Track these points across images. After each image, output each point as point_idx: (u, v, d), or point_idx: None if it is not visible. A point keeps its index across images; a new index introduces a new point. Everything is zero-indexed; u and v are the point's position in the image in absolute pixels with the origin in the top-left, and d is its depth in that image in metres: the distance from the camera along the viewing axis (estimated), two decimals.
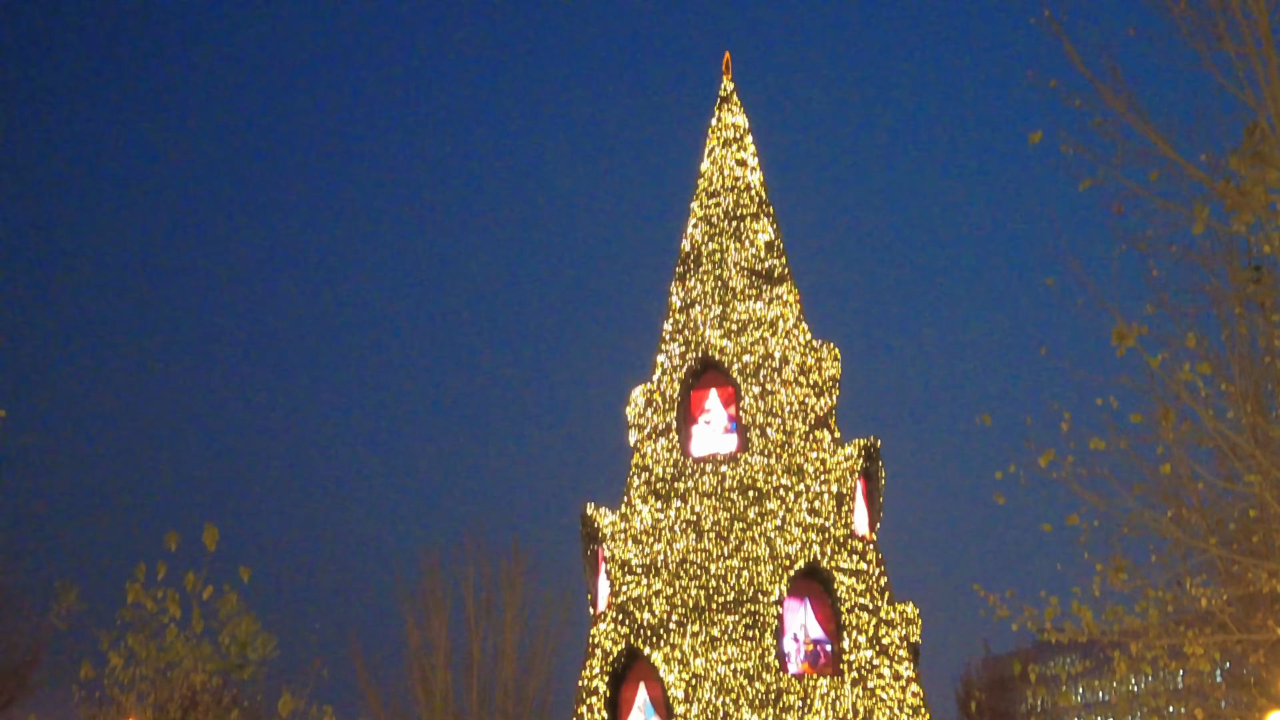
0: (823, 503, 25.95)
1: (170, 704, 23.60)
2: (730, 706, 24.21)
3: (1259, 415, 20.54)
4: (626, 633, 25.43)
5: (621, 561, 26.11)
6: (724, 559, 25.41)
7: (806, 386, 27.29)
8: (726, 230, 28.66)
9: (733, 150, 29.42)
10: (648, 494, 26.75)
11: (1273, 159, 18.56)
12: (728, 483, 26.20)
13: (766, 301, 27.95)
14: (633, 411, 27.80)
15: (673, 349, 27.97)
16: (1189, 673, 25.17)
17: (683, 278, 28.71)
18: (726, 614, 24.95)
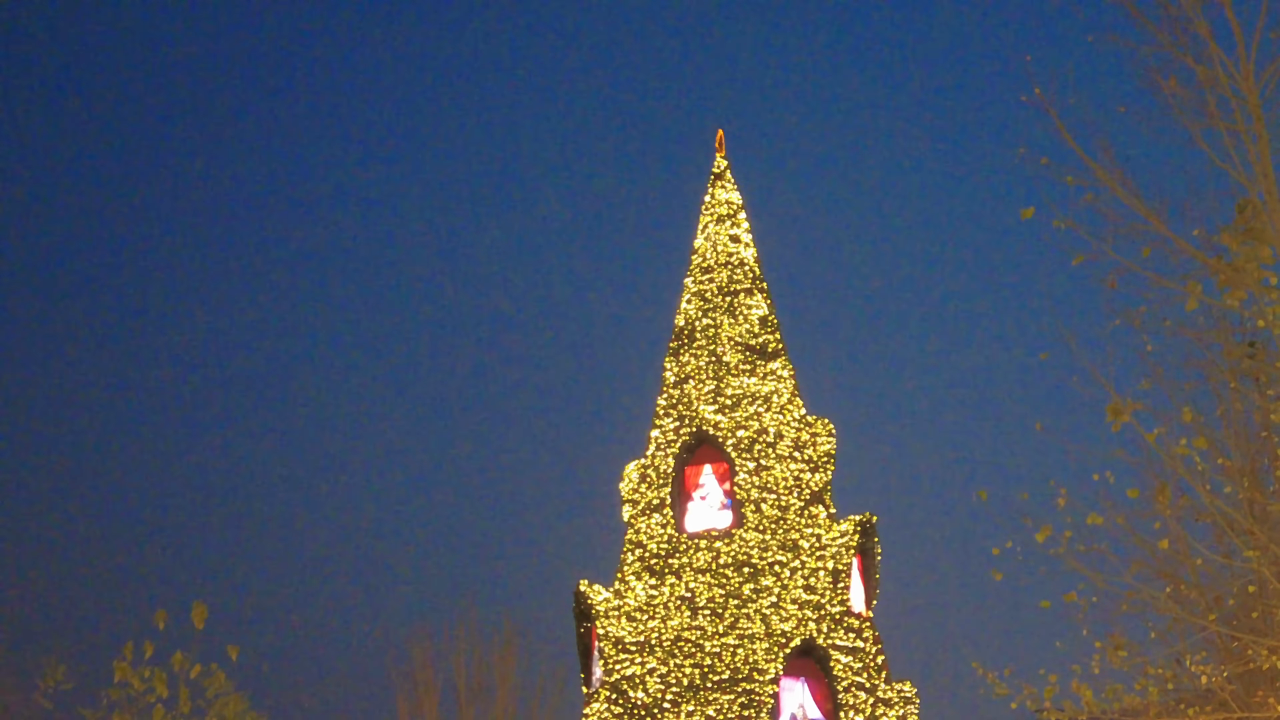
0: (818, 579, 25.83)
1: None
2: None
3: (1256, 490, 20.58)
4: (620, 712, 25.08)
5: (615, 639, 25.79)
6: (719, 636, 25.21)
7: (801, 462, 27.28)
8: (720, 306, 28.80)
9: (726, 226, 29.64)
10: (641, 570, 26.58)
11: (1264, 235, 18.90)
12: (722, 559, 26.08)
13: (760, 377, 28.00)
14: (626, 487, 27.71)
15: (667, 424, 27.95)
16: None
17: (677, 353, 28.76)
18: (722, 693, 24.69)
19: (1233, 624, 19.47)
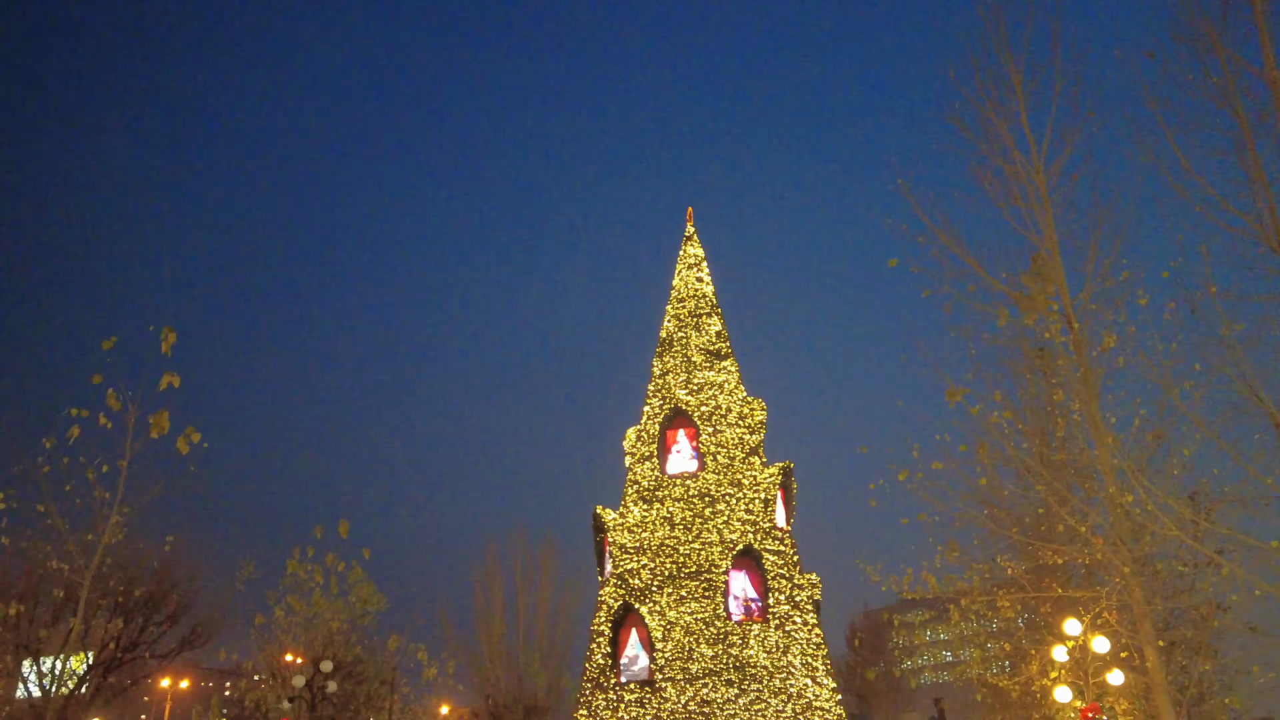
0: (754, 505, 26.75)
1: (315, 642, 24.99)
2: (693, 643, 24.86)
3: (1043, 446, 22.24)
4: (623, 593, 26.18)
5: (619, 545, 26.92)
6: (689, 542, 26.26)
7: (743, 428, 28.10)
8: (689, 324, 29.70)
9: (693, 272, 30.59)
10: (637, 499, 27.61)
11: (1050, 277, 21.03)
12: (691, 491, 27.10)
13: (716, 371, 28.90)
14: (627, 444, 28.67)
15: (654, 403, 28.91)
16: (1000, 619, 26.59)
17: (660, 355, 29.65)
18: (690, 580, 25.76)
19: (1029, 534, 21.25)
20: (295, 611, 24.90)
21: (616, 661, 25.96)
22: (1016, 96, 20.53)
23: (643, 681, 25.31)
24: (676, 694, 24.63)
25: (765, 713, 23.98)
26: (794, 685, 24.32)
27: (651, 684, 25.07)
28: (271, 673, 26.45)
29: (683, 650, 25.12)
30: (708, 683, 24.50)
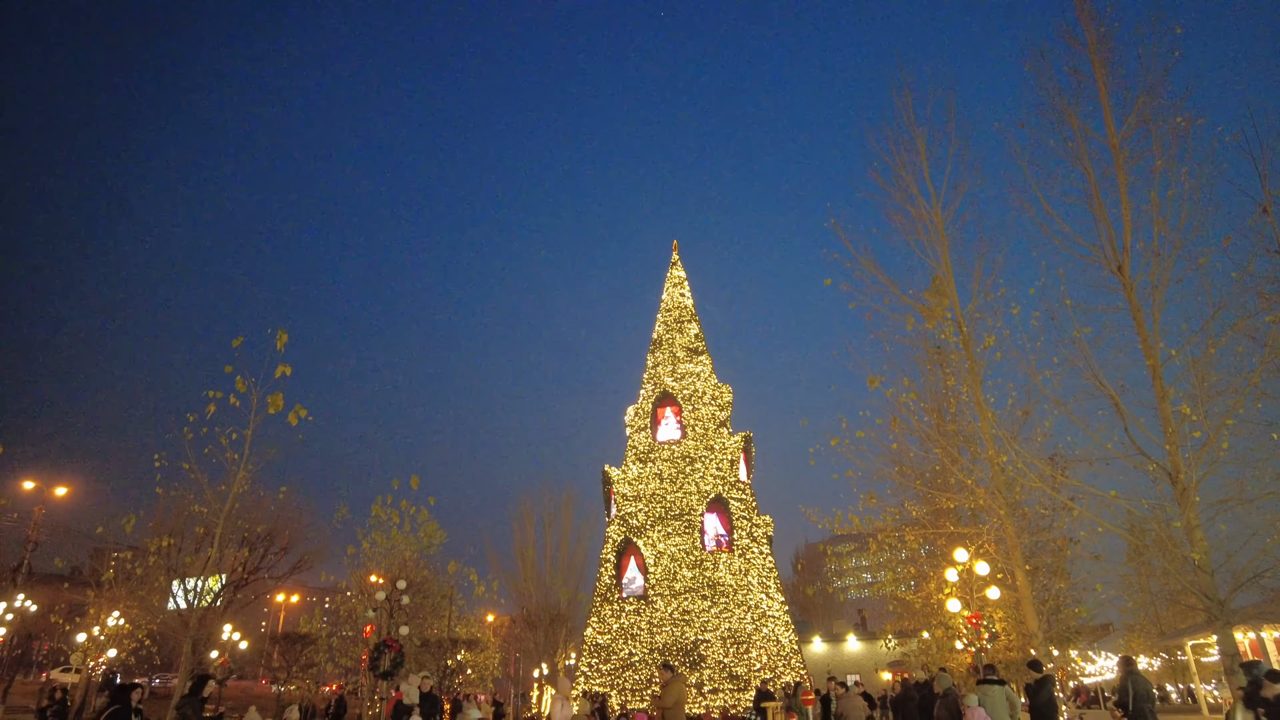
0: (723, 464, 26.83)
1: (393, 567, 24.99)
2: (677, 568, 25.10)
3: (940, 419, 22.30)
4: (624, 531, 26.28)
5: (622, 494, 27.02)
6: (674, 492, 26.40)
7: (715, 406, 28.08)
8: (674, 328, 29.78)
9: (678, 289, 30.63)
10: (635, 460, 27.62)
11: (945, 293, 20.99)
12: (676, 454, 27.20)
13: (694, 364, 28.93)
14: (628, 418, 28.62)
15: (648, 388, 28.84)
16: (907, 550, 26.80)
17: (653, 351, 29.52)
18: (675, 520, 25.90)
19: (928, 486, 21.25)
20: (378, 544, 24.91)
21: (619, 581, 26.05)
22: (920, 156, 20.63)
23: (639, 596, 25.41)
24: (664, 605, 24.74)
25: (730, 620, 24.06)
26: (752, 599, 24.41)
27: (646, 598, 25.17)
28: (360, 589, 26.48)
29: (669, 573, 25.24)
30: (688, 597, 24.62)
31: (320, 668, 35.14)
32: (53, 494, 33.46)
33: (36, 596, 33.76)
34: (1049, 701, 11.81)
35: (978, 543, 18.03)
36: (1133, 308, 16.58)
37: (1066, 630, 23.53)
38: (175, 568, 25.35)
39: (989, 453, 17.88)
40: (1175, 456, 15.21)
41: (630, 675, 23.73)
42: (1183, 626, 34.64)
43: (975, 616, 15.11)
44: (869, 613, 51.12)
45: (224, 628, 30.61)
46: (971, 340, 18.82)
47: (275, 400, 16.08)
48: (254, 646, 43.68)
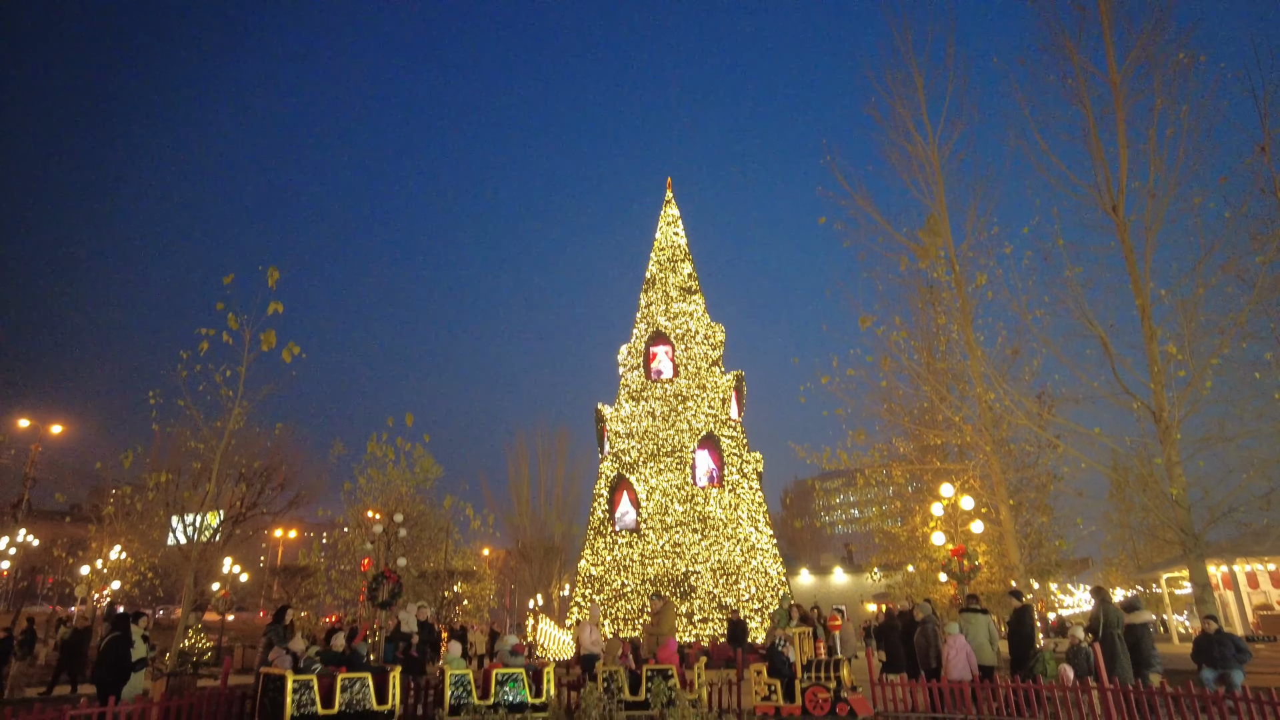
0: (715, 403, 26.84)
1: (389, 502, 25.36)
2: (669, 502, 25.36)
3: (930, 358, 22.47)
4: (618, 466, 26.50)
5: (615, 431, 27.13)
6: (666, 430, 26.49)
7: (707, 346, 27.95)
8: (667, 267, 29.44)
9: (672, 227, 30.12)
10: (628, 398, 27.68)
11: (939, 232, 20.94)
12: (668, 392, 27.19)
13: (687, 303, 28.69)
14: (621, 356, 28.56)
15: (641, 327, 28.69)
16: (894, 485, 27.36)
17: (646, 291, 29.36)
18: (667, 457, 26.07)
19: (916, 423, 21.54)
20: (374, 479, 25.20)
21: (612, 515, 26.48)
22: (919, 94, 20.36)
23: (631, 530, 25.86)
24: (656, 538, 25.21)
25: (720, 552, 24.59)
26: (742, 533, 24.89)
27: (638, 531, 25.64)
28: (357, 524, 26.89)
29: (661, 508, 25.65)
30: (679, 530, 25.09)
31: (320, 599, 35.95)
32: (48, 432, 33.60)
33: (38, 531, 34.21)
34: (1029, 632, 12.24)
35: (963, 478, 18.39)
36: (1125, 248, 16.65)
37: (1047, 564, 24.12)
38: (174, 503, 25.66)
39: (977, 390, 18.11)
40: (1160, 395, 15.49)
41: (623, 605, 24.36)
42: (1158, 560, 35.62)
43: (959, 549, 15.50)
44: (855, 546, 52.37)
45: (224, 561, 31.14)
46: (963, 279, 18.88)
47: (268, 338, 16.12)
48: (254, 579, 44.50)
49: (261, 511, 30.52)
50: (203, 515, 21.04)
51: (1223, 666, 11.28)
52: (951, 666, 11.74)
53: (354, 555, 28.33)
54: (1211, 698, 9.00)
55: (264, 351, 16.47)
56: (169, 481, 23.38)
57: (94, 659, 11.82)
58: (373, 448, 24.85)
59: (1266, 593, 28.31)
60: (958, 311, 19.04)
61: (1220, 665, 11.32)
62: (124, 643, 10.74)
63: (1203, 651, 11.64)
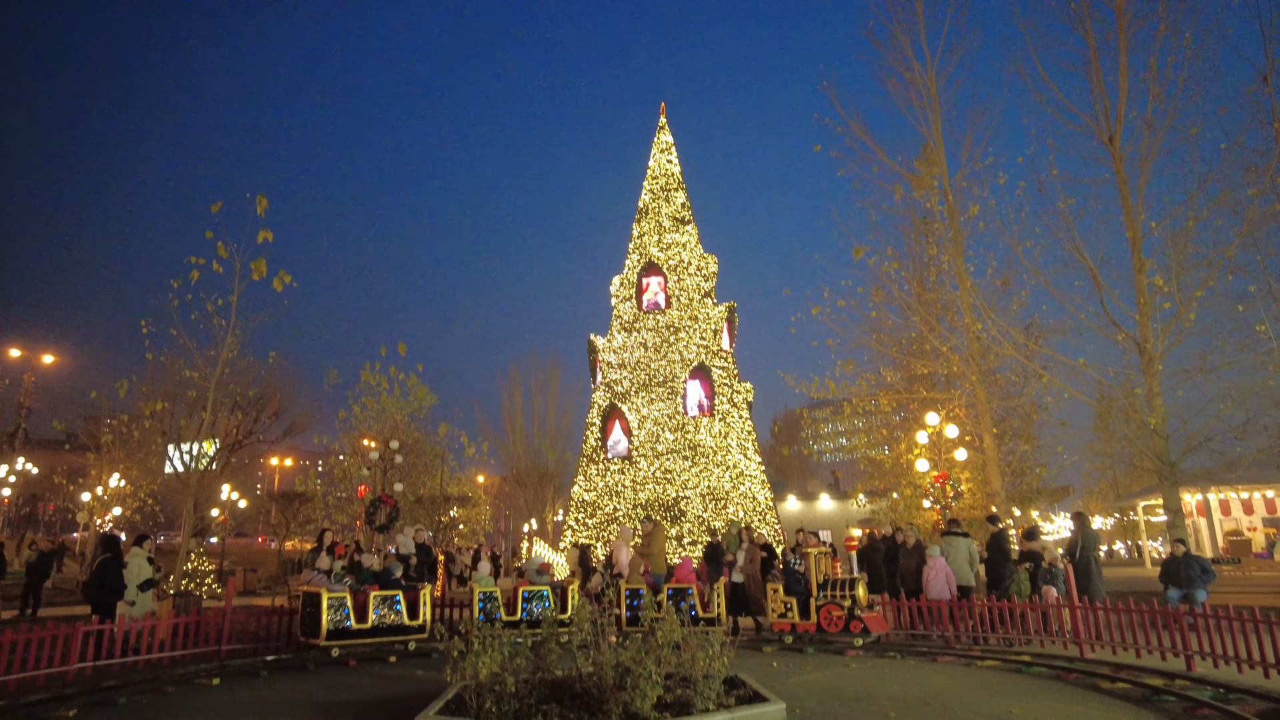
0: (706, 334, 26.81)
1: (384, 430, 25.71)
2: (660, 431, 25.71)
3: (920, 288, 22.65)
4: (610, 396, 26.63)
5: (607, 362, 27.16)
6: (658, 361, 26.49)
7: (700, 277, 27.78)
8: (661, 197, 28.95)
9: (665, 155, 29.58)
10: (620, 329, 27.59)
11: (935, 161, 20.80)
12: (660, 323, 27.10)
13: (680, 233, 28.36)
14: (613, 288, 28.43)
15: (634, 257, 28.44)
16: (881, 414, 27.90)
17: (639, 221, 29.00)
18: (659, 387, 26.15)
19: (904, 353, 21.74)
20: (368, 408, 25.47)
21: (605, 444, 26.83)
22: (918, 18, 19.95)
23: (623, 457, 26.29)
24: (647, 465, 25.68)
25: (710, 478, 25.10)
26: (731, 460, 25.35)
27: (630, 459, 26.09)
28: (353, 451, 27.30)
29: (652, 436, 25.99)
30: (670, 458, 25.52)
31: (318, 524, 36.62)
32: (40, 362, 33.61)
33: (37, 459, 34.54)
34: (1005, 555, 12.71)
35: (949, 407, 18.74)
36: (1120, 179, 16.65)
37: (1028, 491, 24.74)
38: (170, 431, 25.97)
39: (966, 320, 18.30)
40: (1145, 327, 15.74)
41: (614, 528, 24.97)
42: (1136, 489, 36.57)
43: (942, 476, 15.94)
44: (841, 474, 53.44)
45: (222, 488, 31.64)
46: (956, 209, 18.88)
47: (259, 266, 16.09)
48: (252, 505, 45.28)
49: (257, 439, 30.90)
50: (199, 443, 21.33)
51: (1188, 586, 11.83)
52: (931, 587, 12.27)
53: (350, 482, 28.84)
54: (1174, 614, 9.47)
55: (255, 280, 16.46)
56: (165, 410, 23.60)
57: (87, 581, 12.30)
58: (367, 376, 25.04)
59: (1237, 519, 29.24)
60: (949, 242, 19.10)
61: (1186, 585, 11.87)
62: (115, 564, 11.15)
63: (1170, 573, 12.18)
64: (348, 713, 7.43)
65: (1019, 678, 8.92)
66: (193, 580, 17.58)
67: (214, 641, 11.04)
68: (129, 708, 7.87)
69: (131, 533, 27.30)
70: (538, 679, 7.07)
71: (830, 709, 7.25)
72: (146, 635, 10.66)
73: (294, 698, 8.29)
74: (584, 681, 6.86)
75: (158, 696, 8.46)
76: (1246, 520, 29.49)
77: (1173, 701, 7.43)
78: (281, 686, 9.05)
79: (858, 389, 21.37)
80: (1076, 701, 7.52)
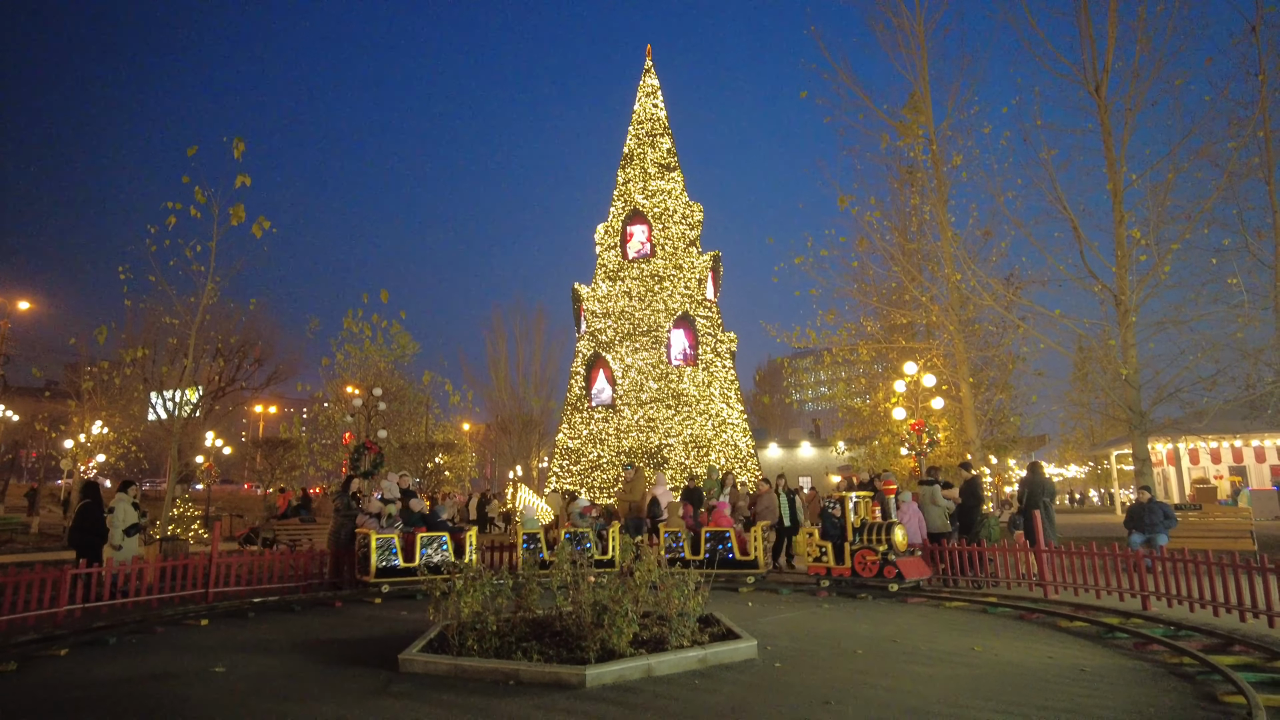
0: (691, 283, 26.77)
1: (368, 377, 25.68)
2: (644, 380, 25.85)
3: (903, 238, 22.75)
4: (594, 345, 26.65)
5: (591, 311, 27.11)
6: (643, 310, 26.43)
7: (685, 225, 27.62)
8: (646, 142, 28.52)
9: (650, 99, 29.07)
10: (604, 277, 27.51)
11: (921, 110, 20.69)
12: (645, 272, 27.02)
13: (666, 180, 28.05)
14: (598, 236, 28.23)
15: (619, 204, 28.22)
16: (860, 363, 28.12)
17: (623, 167, 28.73)
18: (643, 337, 26.15)
19: (885, 302, 21.89)
20: (351, 355, 25.41)
21: (589, 392, 27.03)
22: None
23: (607, 405, 26.53)
24: (631, 414, 25.94)
25: (692, 426, 25.40)
26: (714, 408, 25.63)
27: (613, 407, 26.33)
28: (337, 399, 27.35)
29: (636, 385, 26.18)
30: (654, 406, 25.76)
31: (303, 470, 36.88)
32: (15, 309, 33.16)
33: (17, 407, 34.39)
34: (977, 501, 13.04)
35: (927, 357, 18.97)
36: (1104, 130, 16.67)
37: (1004, 440, 25.20)
38: (152, 379, 25.85)
39: (946, 271, 18.44)
40: (1123, 279, 15.95)
41: (598, 475, 25.37)
42: (1111, 439, 37.35)
43: (919, 424, 16.22)
44: (822, 422, 54.18)
45: (206, 435, 31.69)
46: (941, 159, 18.87)
47: (237, 212, 15.86)
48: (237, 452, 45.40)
49: (240, 386, 30.85)
50: (182, 390, 21.29)
51: (1150, 531, 12.26)
52: None
53: (335, 429, 28.95)
54: (1132, 557, 9.84)
55: (234, 226, 16.27)
56: (146, 357, 23.47)
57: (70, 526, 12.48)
58: (349, 323, 24.92)
59: (1205, 468, 30.05)
60: (933, 192, 19.13)
61: (1149, 530, 12.30)
62: (96, 509, 11.33)
63: (1135, 518, 12.61)
64: (334, 650, 7.67)
65: (984, 617, 9.28)
66: (179, 526, 17.74)
67: (200, 585, 11.24)
68: (120, 646, 8.08)
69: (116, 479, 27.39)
70: (519, 618, 7.32)
71: (800, 646, 7.55)
72: (134, 579, 10.84)
73: (280, 637, 8.52)
74: (563, 620, 7.11)
75: (147, 636, 8.67)
76: (1214, 469, 30.32)
77: (1125, 638, 7.80)
78: (268, 627, 9.28)
79: (838, 338, 21.53)
80: (1036, 639, 7.86)
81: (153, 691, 6.04)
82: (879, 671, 6.46)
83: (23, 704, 5.74)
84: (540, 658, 6.34)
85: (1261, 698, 5.15)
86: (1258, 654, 6.84)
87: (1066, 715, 5.12)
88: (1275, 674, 6.14)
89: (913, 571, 11.27)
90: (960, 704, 5.39)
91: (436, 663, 6.42)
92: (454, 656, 6.50)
